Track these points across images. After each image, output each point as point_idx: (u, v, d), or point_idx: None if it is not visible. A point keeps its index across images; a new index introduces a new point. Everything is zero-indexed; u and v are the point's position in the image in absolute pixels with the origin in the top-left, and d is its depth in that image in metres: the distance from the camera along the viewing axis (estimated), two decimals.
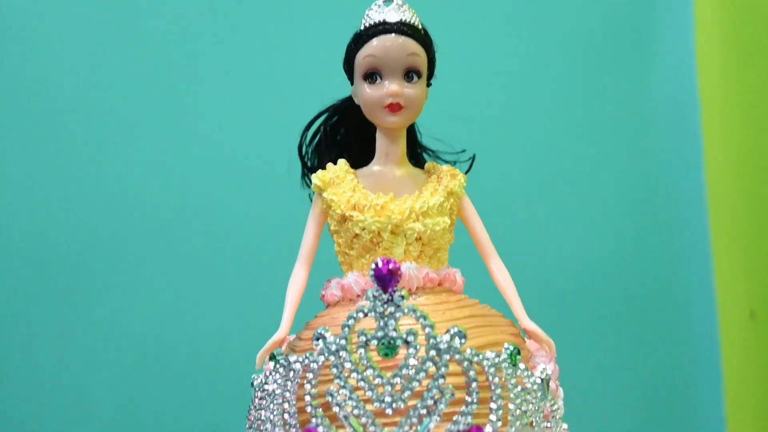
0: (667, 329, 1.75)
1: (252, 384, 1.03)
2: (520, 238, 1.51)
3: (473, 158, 1.19)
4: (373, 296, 0.97)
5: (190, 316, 1.55)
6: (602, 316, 1.68)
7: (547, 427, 1.02)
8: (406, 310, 0.97)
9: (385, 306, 0.97)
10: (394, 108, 1.10)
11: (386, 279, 0.96)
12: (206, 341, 1.54)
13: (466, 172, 1.16)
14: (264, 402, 1.01)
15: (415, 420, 0.96)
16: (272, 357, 1.01)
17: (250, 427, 1.04)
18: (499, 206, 1.30)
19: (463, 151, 1.19)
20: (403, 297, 0.96)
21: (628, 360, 1.69)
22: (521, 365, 0.99)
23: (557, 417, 1.04)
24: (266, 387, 1.01)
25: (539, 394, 1.01)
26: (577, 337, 1.53)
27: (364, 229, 1.09)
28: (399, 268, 0.96)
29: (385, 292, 0.96)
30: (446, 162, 1.18)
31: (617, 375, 1.67)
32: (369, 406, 0.97)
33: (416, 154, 1.18)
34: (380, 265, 0.96)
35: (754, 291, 1.79)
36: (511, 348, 0.99)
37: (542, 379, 1.02)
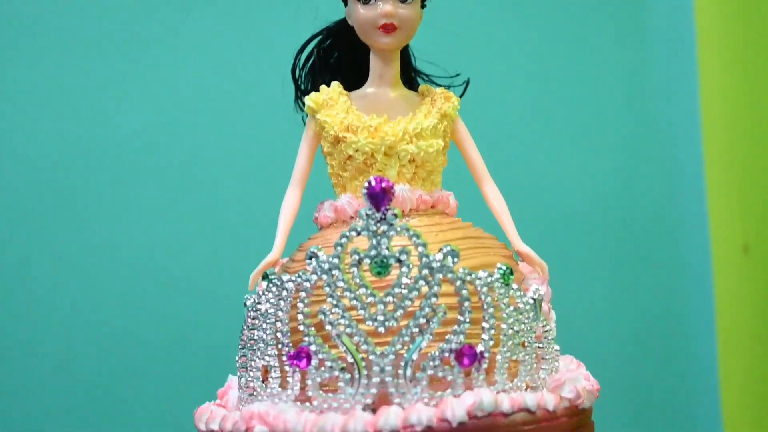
0: (660, 262, 1.76)
1: (245, 304, 1.03)
2: (513, 162, 1.50)
3: (467, 82, 1.18)
4: (366, 215, 0.97)
5: (183, 239, 1.55)
6: (596, 244, 1.68)
7: (539, 347, 1.03)
8: (398, 229, 0.97)
9: (378, 225, 0.97)
10: (388, 28, 1.09)
11: (379, 197, 0.96)
12: (199, 263, 1.54)
13: (461, 96, 1.15)
14: (257, 322, 1.02)
15: (407, 339, 0.96)
16: (265, 277, 1.01)
17: (243, 347, 1.04)
18: (494, 131, 1.29)
19: (458, 75, 1.18)
20: (396, 216, 0.96)
21: (621, 290, 1.69)
22: (514, 285, 1.00)
23: (549, 338, 1.04)
24: (259, 307, 1.01)
25: (531, 314, 1.01)
26: (569, 262, 1.53)
27: (357, 150, 1.09)
28: (392, 187, 0.96)
29: (377, 210, 0.96)
30: (440, 86, 1.17)
31: (610, 302, 1.68)
32: (362, 326, 0.97)
33: (410, 78, 1.18)
34: (373, 183, 0.96)
35: (748, 226, 1.78)
36: (504, 268, 0.99)
37: (535, 300, 1.02)
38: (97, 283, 1.53)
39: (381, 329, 0.97)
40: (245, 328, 1.04)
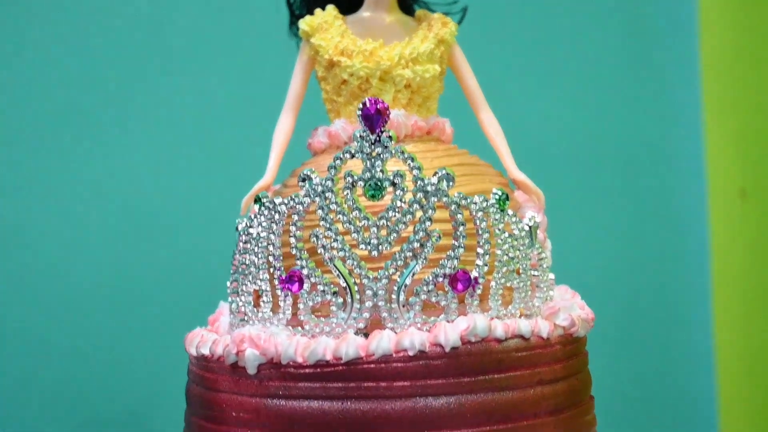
0: (657, 206, 1.75)
1: (236, 228, 1.02)
2: (510, 92, 1.47)
3: (465, 9, 1.16)
4: (360, 137, 0.95)
5: (175, 165, 1.53)
6: (592, 180, 1.67)
7: (534, 275, 1.02)
8: (393, 152, 0.95)
9: (373, 147, 0.95)
10: None
11: (374, 119, 0.95)
12: (191, 189, 1.52)
13: (458, 23, 1.13)
14: (248, 246, 1.00)
15: (400, 263, 0.96)
16: (257, 200, 1.00)
17: (235, 272, 1.03)
18: (491, 60, 1.27)
19: (456, 1, 1.16)
20: (390, 138, 0.95)
21: (618, 228, 1.69)
22: (509, 211, 0.99)
23: (544, 266, 1.04)
24: (251, 231, 1.00)
25: (527, 241, 1.00)
26: (565, 195, 1.51)
27: (352, 75, 1.07)
28: (387, 108, 0.95)
29: (372, 132, 0.95)
30: (437, 12, 1.15)
31: (605, 237, 1.67)
32: (355, 250, 0.96)
33: (407, 3, 1.15)
34: (368, 104, 0.95)
35: (746, 170, 1.77)
36: (500, 193, 0.98)
37: (530, 227, 1.01)
38: (88, 210, 1.52)
39: (374, 253, 0.96)
40: (237, 252, 1.03)
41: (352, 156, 0.96)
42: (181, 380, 1.09)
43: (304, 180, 0.97)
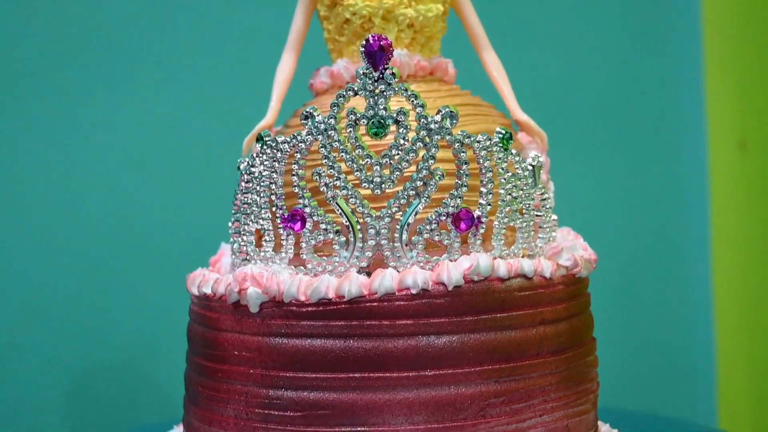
0: (656, 153, 1.74)
1: (238, 168, 1.02)
2: (514, 30, 1.45)
3: None
4: (363, 74, 0.95)
5: (177, 106, 1.51)
6: (594, 123, 1.66)
7: (537, 215, 1.02)
8: (396, 89, 0.95)
9: (376, 84, 0.95)
10: None
11: (377, 56, 0.94)
12: (192, 131, 1.51)
13: None
14: (250, 185, 1.00)
15: (403, 201, 0.95)
16: (259, 139, 0.99)
17: (237, 212, 1.02)
18: (495, 3, 1.26)
19: None
20: (394, 75, 0.94)
21: (618, 172, 1.68)
22: (513, 150, 0.98)
23: (547, 207, 1.03)
24: (253, 170, 1.00)
25: (530, 181, 1.00)
26: (567, 137, 1.50)
27: (354, 13, 1.06)
28: (390, 45, 0.94)
29: (375, 69, 0.94)
30: None
31: (606, 182, 1.66)
32: (358, 188, 0.96)
33: None
34: (371, 41, 0.94)
35: (746, 121, 1.77)
36: (503, 132, 0.97)
37: (533, 167, 1.00)
38: (88, 164, 1.51)
39: (377, 192, 0.96)
40: (238, 192, 1.02)
41: (355, 93, 0.95)
42: (181, 325, 1.09)
43: (306, 118, 0.96)
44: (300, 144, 0.96)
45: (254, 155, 1.00)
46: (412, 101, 0.95)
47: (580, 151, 1.61)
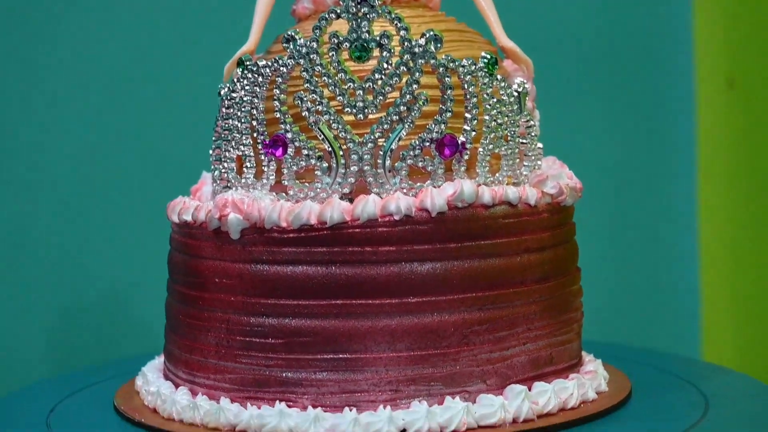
0: (644, 89, 1.73)
1: (219, 94, 1.00)
2: None
3: None
4: None
5: (156, 35, 1.48)
6: (580, 55, 1.63)
7: (522, 143, 1.01)
8: (380, 11, 0.94)
9: (359, 6, 0.94)
10: None
11: None
12: (171, 58, 1.48)
13: None
14: (231, 111, 0.99)
15: (386, 127, 0.94)
16: (240, 63, 0.98)
17: (218, 139, 1.01)
18: None
19: None
20: None
21: (605, 106, 1.66)
22: (498, 76, 0.97)
23: (533, 134, 1.02)
24: (233, 95, 0.98)
25: (515, 107, 0.99)
26: (555, 64, 1.48)
27: None
28: None
29: None
30: None
31: (592, 114, 1.65)
32: (340, 114, 0.95)
33: None
34: None
35: (734, 59, 1.75)
36: (489, 57, 0.96)
37: (519, 93, 0.99)
38: (68, 100, 1.48)
39: (360, 117, 0.95)
40: (219, 118, 1.01)
41: (338, 16, 0.94)
42: (162, 256, 1.08)
43: (288, 41, 0.95)
44: (281, 68, 0.95)
45: (235, 80, 0.98)
46: (396, 24, 0.94)
47: (567, 81, 1.59)
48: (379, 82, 0.94)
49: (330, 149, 0.94)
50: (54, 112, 1.47)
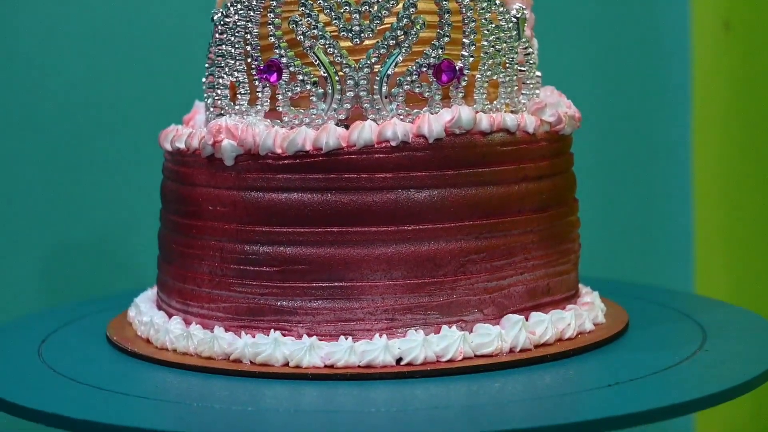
0: (639, 26, 1.71)
1: (212, 19, 0.99)
2: None
3: None
4: None
5: None
6: None
7: (520, 70, 0.99)
8: None
9: None
10: None
11: None
12: None
13: None
14: (224, 36, 0.97)
15: (383, 52, 0.93)
16: None
17: (211, 66, 1.00)
18: None
19: None
20: None
21: (602, 41, 1.65)
22: (497, 1, 0.96)
23: (531, 62, 1.01)
24: (227, 20, 0.97)
25: (513, 33, 0.98)
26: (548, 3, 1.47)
27: None
28: None
29: None
30: None
31: (590, 48, 1.64)
32: (336, 39, 0.93)
33: None
34: None
35: (730, 1, 1.74)
36: None
37: (518, 19, 0.98)
38: (56, 16, 1.46)
39: (356, 41, 0.94)
40: (212, 45, 0.99)
41: None
42: (154, 190, 1.06)
43: None
44: None
45: (228, 5, 0.97)
46: None
47: (566, 12, 1.57)
48: (376, 6, 0.92)
49: (325, 75, 0.93)
50: (45, 43, 1.46)
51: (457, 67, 0.93)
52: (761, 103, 1.66)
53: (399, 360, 0.91)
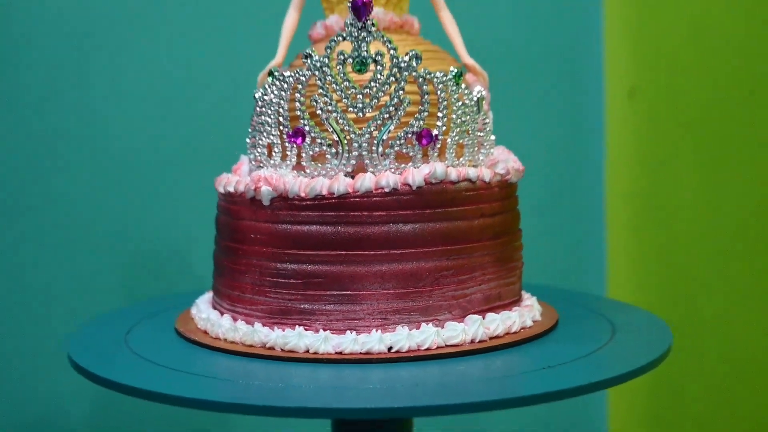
0: (561, 99, 1.68)
1: (254, 97, 0.99)
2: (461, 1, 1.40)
3: None
4: (350, 24, 0.92)
5: (208, 54, 1.45)
6: (520, 67, 1.60)
7: (479, 135, 0.99)
8: (375, 35, 0.92)
9: (360, 32, 0.92)
10: None
11: (361, 9, 0.91)
12: (220, 71, 1.45)
13: None
14: (263, 109, 0.97)
15: (379, 122, 0.93)
16: (270, 74, 0.96)
17: (253, 130, 1.00)
18: None
19: None
20: (373, 24, 0.91)
21: (536, 109, 1.63)
22: (462, 85, 0.96)
23: (487, 129, 1.01)
24: (265, 98, 0.97)
25: (475, 109, 0.98)
26: (502, 77, 1.45)
27: None
28: (371, 2, 0.91)
29: (359, 20, 0.91)
30: None
31: (529, 113, 1.62)
32: (345, 112, 0.93)
33: None
34: None
35: (636, 70, 1.68)
36: (456, 70, 0.95)
37: (478, 98, 0.98)
38: (132, 89, 1.45)
39: (360, 115, 0.93)
40: (254, 115, 0.99)
41: (344, 39, 0.92)
42: (210, 219, 1.07)
43: (306, 57, 0.93)
44: (301, 77, 0.94)
45: (266, 86, 0.97)
46: (387, 45, 0.92)
47: (511, 90, 1.56)
48: (374, 89, 0.92)
49: (337, 139, 0.93)
50: (136, 108, 1.45)
51: (433, 134, 0.93)
52: (660, 154, 1.61)
53: (390, 348, 0.91)
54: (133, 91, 1.45)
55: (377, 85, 0.92)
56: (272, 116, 0.96)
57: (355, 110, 0.93)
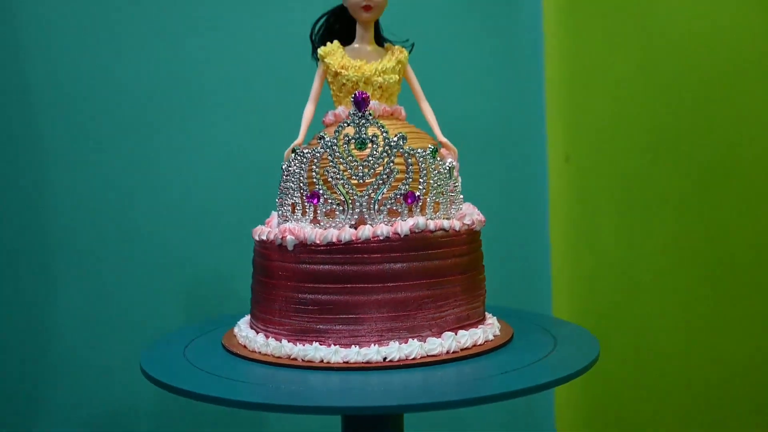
0: (515, 166, 1.63)
1: (281, 168, 1.00)
2: (437, 92, 1.41)
3: (413, 45, 1.13)
4: (353, 113, 0.93)
5: (242, 136, 1.45)
6: (482, 143, 1.59)
7: (451, 195, 1.01)
8: (372, 122, 0.94)
9: (360, 119, 0.94)
10: (368, 8, 1.04)
11: (361, 103, 0.93)
12: (252, 150, 1.45)
13: (409, 52, 1.10)
14: (288, 177, 0.99)
15: (375, 187, 0.94)
16: (293, 151, 0.98)
17: (281, 193, 1.01)
18: (427, 75, 1.21)
19: (407, 40, 1.13)
20: (370, 114, 0.93)
21: (491, 178, 1.61)
22: (438, 157, 0.97)
23: (457, 191, 1.02)
24: (289, 169, 0.98)
25: (448, 175, 0.99)
26: (466, 154, 1.45)
27: (348, 80, 1.04)
28: (368, 97, 0.93)
29: (360, 110, 0.93)
30: (397, 44, 1.12)
31: (488, 178, 1.60)
32: (349, 179, 0.95)
33: (379, 40, 1.12)
34: (357, 95, 0.93)
35: (570, 139, 1.62)
36: (433, 147, 0.97)
37: (450, 168, 0.99)
38: (190, 152, 1.43)
39: (360, 181, 0.95)
40: (282, 182, 1.00)
41: (348, 125, 0.94)
42: (249, 258, 1.07)
43: (320, 139, 0.95)
44: (317, 153, 0.95)
45: (290, 161, 0.98)
46: (381, 129, 0.94)
47: (474, 159, 1.55)
48: (371, 161, 0.94)
49: (344, 199, 0.94)
50: (204, 178, 1.43)
51: (416, 195, 0.94)
52: (590, 205, 1.60)
53: (385, 359, 0.91)
54: (199, 162, 1.44)
55: (373, 158, 0.94)
56: (295, 183, 0.97)
57: (357, 178, 0.94)
